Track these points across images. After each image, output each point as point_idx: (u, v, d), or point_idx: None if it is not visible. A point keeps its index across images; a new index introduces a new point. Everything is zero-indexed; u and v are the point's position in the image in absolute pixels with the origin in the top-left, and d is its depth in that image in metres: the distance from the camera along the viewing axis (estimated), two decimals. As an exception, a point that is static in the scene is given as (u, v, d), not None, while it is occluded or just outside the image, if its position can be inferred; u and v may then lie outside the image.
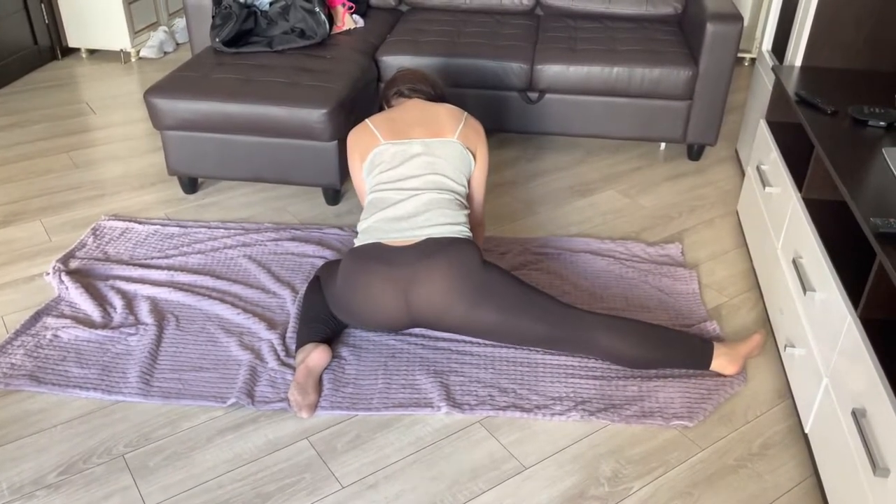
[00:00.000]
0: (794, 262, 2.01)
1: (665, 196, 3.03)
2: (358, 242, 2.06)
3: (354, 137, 2.19)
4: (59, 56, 4.48)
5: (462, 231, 2.04)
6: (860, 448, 1.51)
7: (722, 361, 2.03)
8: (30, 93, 3.98)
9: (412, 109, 2.19)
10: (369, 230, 2.05)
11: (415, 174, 2.07)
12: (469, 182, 2.19)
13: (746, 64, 4.57)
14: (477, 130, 2.19)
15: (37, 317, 2.25)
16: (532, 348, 2.14)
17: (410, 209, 2.03)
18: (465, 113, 2.20)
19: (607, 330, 2.00)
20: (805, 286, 1.89)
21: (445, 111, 2.18)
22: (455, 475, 1.78)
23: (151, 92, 2.74)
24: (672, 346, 2.02)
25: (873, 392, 1.48)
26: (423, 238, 1.99)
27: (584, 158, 3.33)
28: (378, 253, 1.99)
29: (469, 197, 2.22)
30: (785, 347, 2.01)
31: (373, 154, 2.12)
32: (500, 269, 2.03)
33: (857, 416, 1.51)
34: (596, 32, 3.35)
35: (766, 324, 2.30)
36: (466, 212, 2.11)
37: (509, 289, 1.99)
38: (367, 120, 2.18)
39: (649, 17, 3.53)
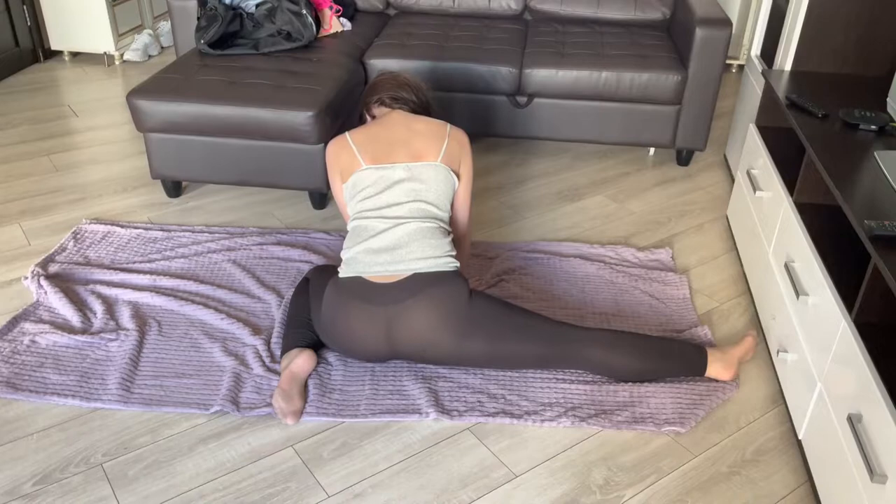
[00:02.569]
0: (786, 266, 1.99)
1: (654, 201, 3.01)
2: (342, 273, 1.98)
3: (334, 151, 2.06)
4: (42, 59, 4.42)
5: (448, 263, 1.96)
6: (856, 454, 1.49)
7: (717, 367, 2.01)
8: (11, 95, 3.92)
9: (395, 126, 2.06)
10: (352, 262, 1.97)
11: (399, 201, 1.98)
12: (453, 201, 2.11)
13: (734, 70, 4.58)
14: (461, 143, 2.08)
15: (14, 322, 2.19)
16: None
17: (394, 240, 1.95)
18: (448, 125, 2.09)
19: (600, 345, 1.97)
20: (798, 290, 1.87)
21: (428, 128, 2.06)
22: (444, 483, 1.74)
23: (135, 93, 2.69)
24: (667, 356, 1.99)
25: (869, 397, 1.46)
26: (409, 274, 1.92)
27: (573, 163, 3.31)
28: (361, 290, 1.93)
29: (453, 213, 2.14)
30: (777, 353, 1.99)
31: (354, 177, 2.01)
32: (486, 298, 1.96)
33: (853, 422, 1.49)
34: (584, 37, 3.34)
35: (757, 329, 2.28)
36: (450, 238, 2.03)
37: (497, 317, 1.94)
38: (346, 134, 2.06)
39: (637, 22, 3.52)
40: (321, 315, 2.00)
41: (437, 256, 1.96)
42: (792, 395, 1.89)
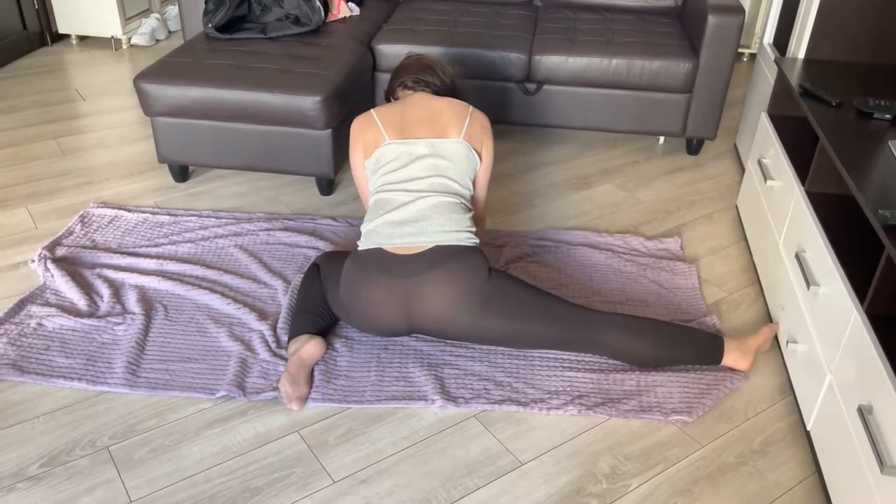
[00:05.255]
0: (796, 256, 1.97)
1: (663, 190, 2.98)
2: (361, 246, 2.00)
3: (358, 127, 2.11)
4: (49, 42, 4.41)
5: (468, 238, 1.97)
6: (866, 446, 1.47)
7: (734, 356, 1.99)
8: (18, 79, 3.91)
9: (417, 106, 2.10)
10: (372, 234, 1.98)
11: (420, 176, 2.00)
12: (474, 181, 2.14)
13: (745, 60, 4.53)
14: (483, 125, 2.11)
15: (21, 305, 2.19)
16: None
17: (415, 213, 1.96)
18: (471, 107, 2.13)
19: (618, 329, 1.96)
20: (808, 281, 1.86)
21: (450, 108, 2.10)
22: (449, 470, 1.74)
23: (142, 77, 2.68)
24: (683, 343, 1.98)
25: (880, 388, 1.44)
26: (430, 246, 1.93)
27: (582, 152, 3.29)
28: (381, 262, 1.93)
29: (473, 195, 2.17)
30: (787, 343, 1.97)
31: (377, 153, 2.05)
32: (506, 276, 1.97)
33: (864, 413, 1.47)
34: (595, 24, 3.31)
35: (766, 319, 2.26)
36: (471, 214, 2.05)
37: (516, 295, 1.95)
38: (372, 111, 2.10)
39: (648, 10, 3.49)
40: (339, 290, 2.01)
41: (458, 230, 1.97)
42: (801, 385, 1.87)
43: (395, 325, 1.97)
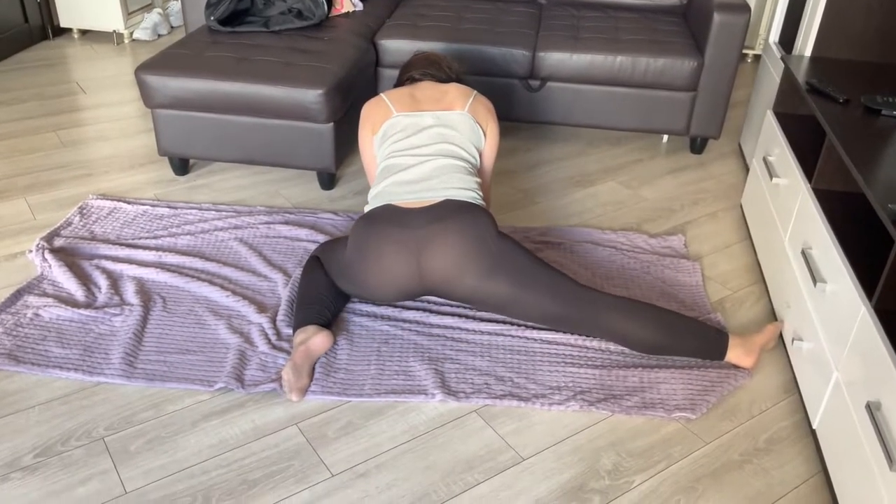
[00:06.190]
0: (803, 253, 1.95)
1: (667, 189, 2.96)
2: (368, 208, 2.03)
3: (368, 109, 2.19)
4: (51, 36, 4.39)
5: (476, 198, 2.02)
6: (874, 443, 1.45)
7: (738, 352, 1.97)
8: (19, 72, 3.89)
9: (424, 88, 2.22)
10: (381, 194, 2.02)
11: (427, 143, 2.07)
12: (480, 157, 2.19)
13: (749, 61, 4.51)
14: (487, 107, 2.20)
15: (17, 295, 2.17)
16: (532, 336, 2.07)
17: (424, 173, 2.02)
18: (475, 91, 2.22)
19: (622, 312, 1.94)
20: (815, 277, 1.83)
21: (456, 89, 2.20)
22: (449, 465, 1.71)
23: (143, 68, 2.66)
24: (687, 333, 1.96)
25: (889, 384, 1.42)
26: (440, 200, 1.96)
27: (585, 150, 3.27)
28: (391, 215, 1.95)
29: (479, 169, 2.21)
30: (792, 341, 1.95)
31: (385, 126, 2.13)
32: (515, 242, 1.98)
33: (872, 410, 1.45)
34: (599, 21, 3.29)
35: (771, 318, 2.24)
36: (478, 180, 2.09)
37: (525, 262, 1.95)
38: (382, 93, 2.20)
39: (653, 7, 3.47)
40: (344, 258, 2.02)
41: (466, 188, 2.01)
42: (806, 383, 1.85)
43: (406, 280, 1.95)
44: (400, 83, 2.34)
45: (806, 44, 2.59)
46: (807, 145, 2.30)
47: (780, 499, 1.66)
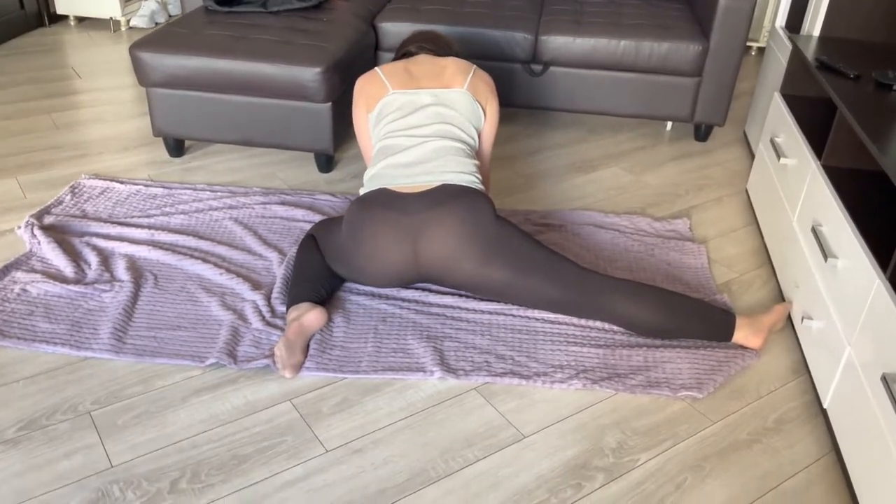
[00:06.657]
0: (812, 230, 1.89)
1: (671, 175, 2.91)
2: (364, 191, 1.96)
3: (362, 83, 2.13)
4: (47, 23, 4.34)
5: (474, 182, 1.95)
6: (890, 416, 1.39)
7: (745, 333, 1.91)
8: (14, 57, 3.84)
9: (421, 62, 2.14)
10: (377, 177, 1.95)
11: (425, 123, 2.00)
12: (479, 137, 2.12)
13: (753, 54, 4.47)
14: (487, 82, 2.14)
15: (5, 270, 2.11)
16: (534, 316, 2.01)
17: (421, 155, 1.95)
18: (474, 66, 2.15)
19: (625, 295, 1.88)
20: (826, 253, 1.78)
21: (454, 64, 2.14)
22: (448, 442, 1.65)
23: (138, 46, 2.61)
24: (692, 315, 1.89)
25: (907, 355, 1.36)
26: (437, 184, 1.89)
27: (587, 136, 3.21)
28: (387, 199, 1.88)
29: (478, 151, 2.15)
30: (802, 320, 1.89)
31: (381, 104, 2.06)
32: (514, 226, 1.92)
33: (889, 382, 1.39)
34: (603, 6, 3.24)
35: (778, 300, 2.18)
36: (477, 163, 2.02)
37: (523, 246, 1.88)
38: (376, 68, 2.12)
39: (657, -5, 3.42)
40: (339, 242, 1.96)
41: (464, 172, 1.94)
42: (816, 363, 1.79)
43: (402, 267, 1.90)
44: (396, 59, 2.27)
45: (814, 25, 2.55)
46: (815, 126, 2.25)
47: (791, 478, 1.60)
